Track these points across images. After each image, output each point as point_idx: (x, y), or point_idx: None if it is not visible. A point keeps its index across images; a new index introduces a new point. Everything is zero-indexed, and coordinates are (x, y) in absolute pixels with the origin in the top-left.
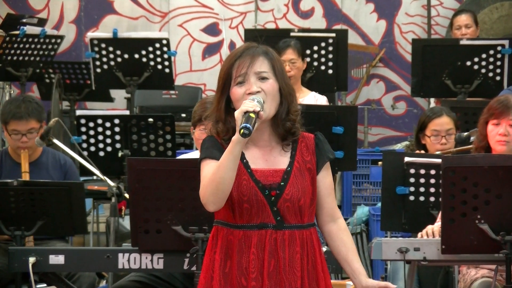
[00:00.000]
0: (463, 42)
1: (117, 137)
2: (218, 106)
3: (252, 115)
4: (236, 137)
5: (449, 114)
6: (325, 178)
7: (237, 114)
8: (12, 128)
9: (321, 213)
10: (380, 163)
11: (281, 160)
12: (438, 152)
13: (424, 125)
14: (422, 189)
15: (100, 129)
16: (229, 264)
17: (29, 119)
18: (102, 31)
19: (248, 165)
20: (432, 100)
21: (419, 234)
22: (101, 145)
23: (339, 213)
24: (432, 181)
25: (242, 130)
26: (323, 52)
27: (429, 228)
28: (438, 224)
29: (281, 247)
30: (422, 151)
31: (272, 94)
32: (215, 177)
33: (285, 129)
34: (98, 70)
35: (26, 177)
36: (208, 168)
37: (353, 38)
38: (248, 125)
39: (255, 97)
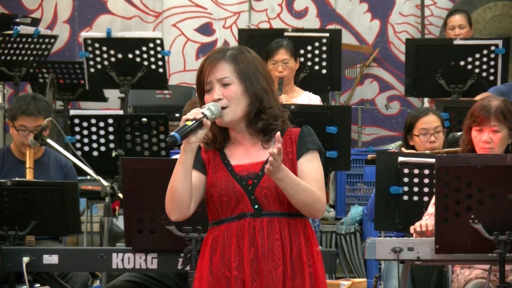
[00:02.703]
0: (457, 42)
1: (111, 137)
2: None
3: (188, 123)
4: (183, 146)
5: (435, 113)
6: (305, 164)
7: (180, 123)
8: (20, 124)
9: None
10: (369, 156)
11: (263, 153)
12: (427, 151)
13: (411, 125)
14: (415, 189)
15: (93, 129)
16: (214, 260)
17: (38, 116)
18: (96, 31)
19: (230, 163)
20: (425, 100)
21: (411, 228)
22: (94, 145)
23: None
24: (426, 180)
25: (168, 137)
26: (316, 52)
27: (422, 223)
28: (430, 218)
29: (259, 235)
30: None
31: (235, 99)
32: (170, 187)
33: (259, 128)
34: (92, 70)
35: (30, 173)
36: None
37: (347, 38)
38: (174, 133)
39: (208, 105)
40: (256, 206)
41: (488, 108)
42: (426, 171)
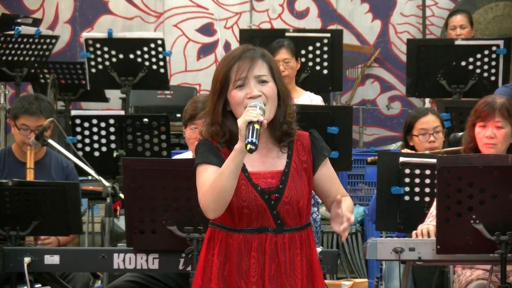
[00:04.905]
0: (458, 42)
1: (112, 137)
2: (215, 108)
3: (256, 126)
4: (239, 146)
5: (435, 113)
6: (325, 173)
7: (241, 124)
8: (22, 123)
9: (328, 202)
10: (369, 159)
11: (279, 162)
12: (427, 152)
13: (411, 125)
14: (417, 189)
15: (95, 129)
16: (227, 268)
17: (40, 116)
18: (97, 31)
19: (245, 168)
20: (427, 100)
21: (414, 234)
22: (96, 145)
23: (345, 193)
24: (427, 181)
25: (248, 146)
26: (318, 52)
27: (424, 228)
28: (432, 224)
29: (281, 251)
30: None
31: (272, 98)
32: (216, 185)
33: (282, 132)
34: (93, 70)
35: (31, 173)
36: (206, 174)
37: (348, 38)
38: (255, 140)
39: (257, 103)
40: (278, 222)
41: (492, 104)
42: (428, 172)
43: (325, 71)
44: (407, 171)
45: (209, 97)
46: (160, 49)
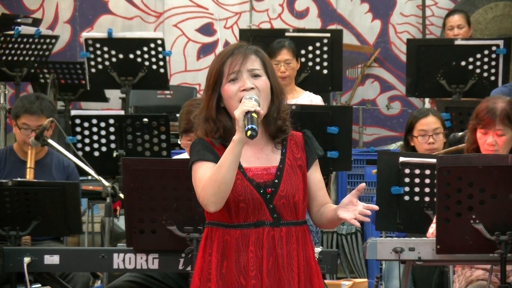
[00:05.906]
0: (458, 42)
1: (112, 137)
2: (209, 104)
3: (254, 115)
4: (237, 137)
5: (436, 114)
6: (315, 174)
7: (238, 114)
8: (23, 122)
9: (313, 205)
10: (374, 171)
11: (273, 158)
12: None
13: (411, 126)
14: (417, 189)
15: (95, 129)
16: (225, 264)
17: (41, 115)
18: (97, 31)
19: (240, 164)
20: (427, 100)
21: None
22: (96, 145)
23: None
24: (427, 181)
25: (249, 132)
26: (318, 52)
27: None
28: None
29: (279, 244)
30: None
31: (265, 92)
32: (216, 178)
33: (277, 128)
34: (93, 70)
35: (31, 173)
36: (204, 170)
37: (348, 38)
38: (254, 126)
39: (252, 95)
40: (274, 215)
41: (493, 111)
42: (427, 171)
43: (325, 71)
44: (407, 171)
45: (203, 94)
46: (160, 49)
